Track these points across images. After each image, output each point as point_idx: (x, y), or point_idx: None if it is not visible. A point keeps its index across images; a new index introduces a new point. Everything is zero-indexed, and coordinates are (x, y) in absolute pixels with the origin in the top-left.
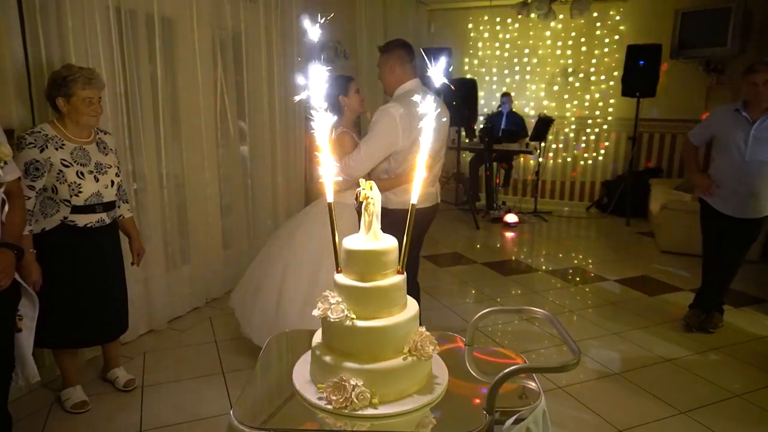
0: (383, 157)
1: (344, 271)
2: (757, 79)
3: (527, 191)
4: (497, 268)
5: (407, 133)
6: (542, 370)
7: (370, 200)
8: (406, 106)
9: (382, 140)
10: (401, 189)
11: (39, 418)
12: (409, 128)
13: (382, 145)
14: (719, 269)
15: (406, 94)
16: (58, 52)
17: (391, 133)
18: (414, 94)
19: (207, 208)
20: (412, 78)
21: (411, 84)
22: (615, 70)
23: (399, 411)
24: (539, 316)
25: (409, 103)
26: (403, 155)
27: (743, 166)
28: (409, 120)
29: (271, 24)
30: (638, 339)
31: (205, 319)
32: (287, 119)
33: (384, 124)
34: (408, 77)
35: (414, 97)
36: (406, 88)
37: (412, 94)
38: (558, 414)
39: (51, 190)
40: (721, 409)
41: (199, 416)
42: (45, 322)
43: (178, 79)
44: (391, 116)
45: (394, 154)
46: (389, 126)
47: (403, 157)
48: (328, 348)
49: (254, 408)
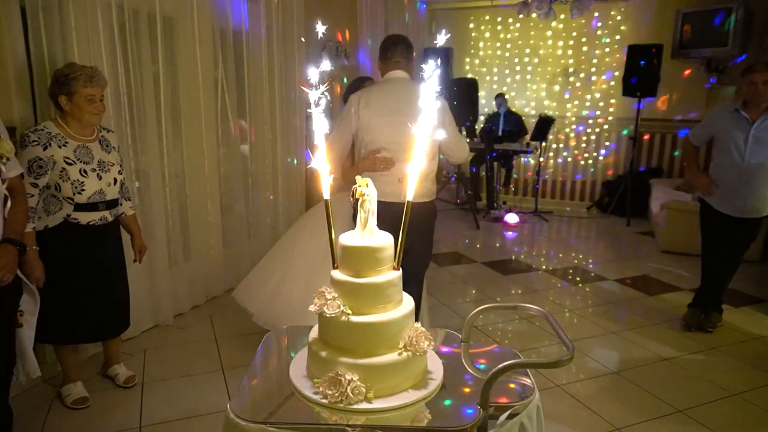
0: (344, 133)
1: (340, 267)
2: (756, 78)
3: (528, 191)
4: (497, 267)
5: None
6: (536, 365)
7: (365, 197)
8: (367, 91)
9: (340, 122)
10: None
11: (40, 413)
12: (368, 108)
13: (343, 123)
14: (718, 269)
15: (378, 82)
16: (61, 50)
17: (346, 115)
18: (388, 82)
19: (207, 206)
20: (394, 70)
21: (390, 74)
22: (616, 70)
23: (394, 405)
24: (534, 313)
25: (371, 88)
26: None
27: (743, 166)
28: (366, 100)
29: (272, 23)
30: (637, 338)
31: (205, 316)
32: (288, 118)
33: (344, 108)
34: (388, 69)
35: (383, 84)
36: (387, 77)
37: (385, 82)
38: (556, 412)
39: (54, 187)
40: (719, 408)
41: (199, 412)
42: (47, 318)
43: (180, 77)
44: (350, 101)
45: (359, 141)
46: (346, 109)
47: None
48: (324, 343)
49: (251, 402)
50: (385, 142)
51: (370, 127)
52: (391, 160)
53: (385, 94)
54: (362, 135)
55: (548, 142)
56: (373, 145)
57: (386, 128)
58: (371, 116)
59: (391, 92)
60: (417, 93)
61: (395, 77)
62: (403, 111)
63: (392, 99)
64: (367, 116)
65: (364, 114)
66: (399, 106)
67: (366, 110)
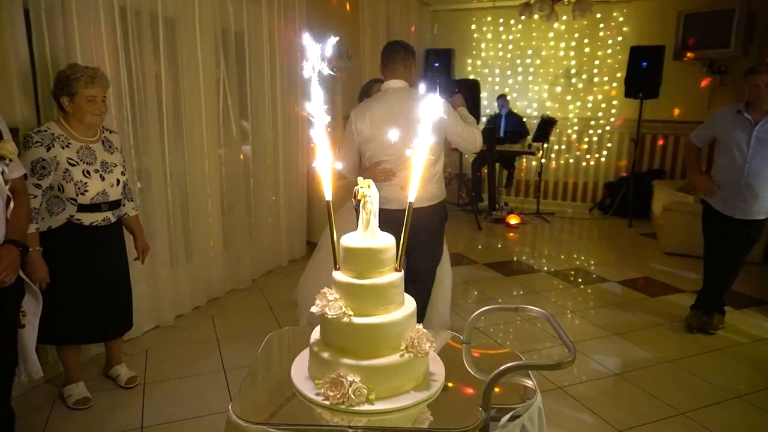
0: (351, 149)
1: (342, 268)
2: (759, 80)
3: (530, 192)
4: (499, 268)
5: (361, 126)
6: (537, 367)
7: (367, 198)
8: (363, 106)
9: (344, 139)
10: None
11: (41, 414)
12: (365, 123)
13: (346, 139)
14: (721, 270)
15: (375, 94)
16: (64, 51)
17: (348, 132)
18: (383, 94)
19: (208, 206)
20: (391, 79)
21: (386, 84)
22: (618, 72)
23: (395, 407)
24: (535, 314)
25: (367, 103)
26: (365, 150)
27: (745, 168)
28: (363, 115)
29: (274, 23)
30: (639, 340)
31: (206, 317)
32: (290, 119)
33: (347, 125)
34: (386, 77)
35: (379, 96)
36: (383, 88)
37: (380, 94)
38: (558, 414)
39: (57, 188)
40: (721, 411)
41: (201, 413)
42: (49, 318)
43: (182, 78)
44: (349, 119)
45: (362, 153)
46: (348, 126)
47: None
48: (325, 344)
49: (253, 403)
50: (384, 153)
51: (368, 141)
52: (391, 170)
53: (380, 107)
54: (363, 148)
55: (550, 144)
56: (372, 158)
57: (383, 140)
58: (369, 130)
59: (385, 104)
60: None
61: (391, 87)
62: (398, 122)
63: (386, 111)
64: (366, 130)
65: (362, 129)
66: (394, 118)
67: (363, 125)
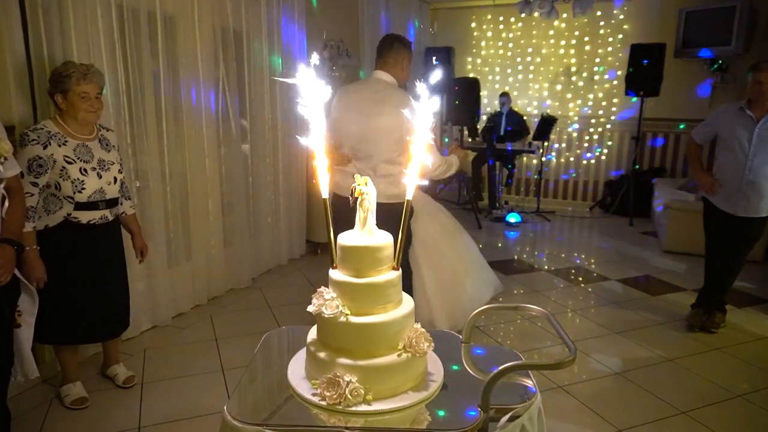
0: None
1: (339, 266)
2: (762, 77)
3: (530, 191)
4: (499, 267)
5: (333, 109)
6: (537, 366)
7: (365, 196)
8: (342, 88)
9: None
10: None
11: (38, 414)
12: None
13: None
14: (722, 268)
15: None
16: (60, 49)
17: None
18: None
19: (208, 205)
20: (379, 70)
21: (373, 74)
22: (618, 69)
23: (393, 407)
24: (536, 313)
25: (347, 86)
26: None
27: (747, 165)
28: (339, 95)
29: (273, 22)
30: (640, 339)
31: (206, 316)
32: (289, 118)
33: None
34: (376, 67)
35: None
36: (367, 76)
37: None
38: (559, 413)
39: (54, 186)
40: (722, 410)
41: (199, 413)
42: (46, 317)
43: (180, 76)
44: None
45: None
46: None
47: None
48: (322, 344)
49: (249, 403)
50: (344, 138)
51: (335, 122)
52: (346, 156)
53: (353, 92)
54: (331, 128)
55: (550, 142)
56: (334, 139)
57: (344, 125)
58: (337, 111)
59: (358, 93)
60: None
61: (374, 78)
62: (364, 111)
63: (357, 98)
64: (335, 111)
65: (333, 109)
66: (362, 106)
67: (335, 105)
